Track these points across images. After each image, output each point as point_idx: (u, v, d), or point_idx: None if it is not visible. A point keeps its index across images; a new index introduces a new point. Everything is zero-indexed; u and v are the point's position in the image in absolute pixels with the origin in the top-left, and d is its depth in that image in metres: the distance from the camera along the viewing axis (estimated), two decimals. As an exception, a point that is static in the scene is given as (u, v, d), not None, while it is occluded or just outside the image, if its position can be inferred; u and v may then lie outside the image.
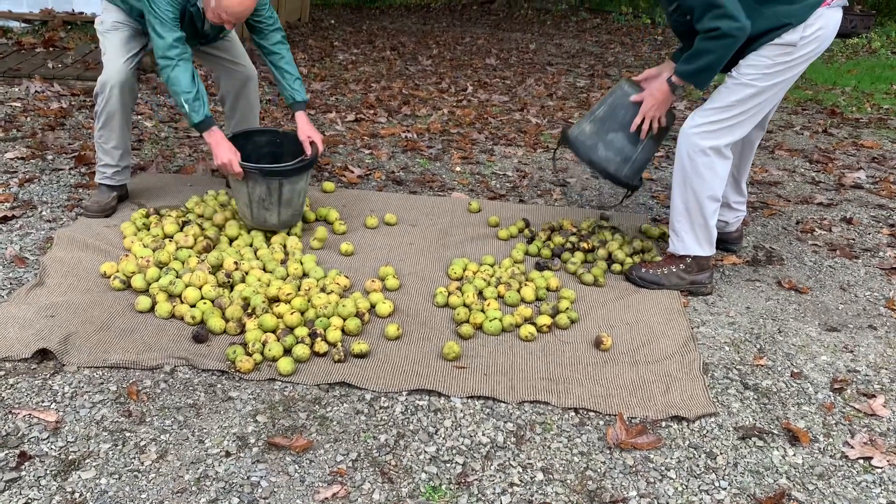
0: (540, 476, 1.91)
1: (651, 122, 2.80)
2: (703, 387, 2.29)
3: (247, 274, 2.72)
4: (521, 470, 1.93)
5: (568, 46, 9.36)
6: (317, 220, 3.36)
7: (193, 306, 2.50)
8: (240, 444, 1.95)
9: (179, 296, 2.56)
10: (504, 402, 2.18)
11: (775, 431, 2.14)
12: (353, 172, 4.02)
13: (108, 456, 1.87)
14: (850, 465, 2.02)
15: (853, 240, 3.55)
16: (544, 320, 2.56)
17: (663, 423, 2.14)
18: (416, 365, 2.32)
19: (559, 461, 1.97)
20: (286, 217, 3.04)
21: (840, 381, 2.39)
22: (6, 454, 1.85)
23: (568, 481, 1.90)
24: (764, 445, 2.08)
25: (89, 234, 2.95)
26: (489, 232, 3.35)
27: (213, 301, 2.53)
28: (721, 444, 2.07)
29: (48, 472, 1.81)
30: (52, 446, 1.89)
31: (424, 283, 2.85)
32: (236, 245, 2.97)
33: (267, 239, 3.05)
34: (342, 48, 8.13)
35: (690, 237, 2.82)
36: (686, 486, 1.91)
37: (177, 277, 2.62)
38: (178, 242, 2.90)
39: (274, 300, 2.57)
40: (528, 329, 2.50)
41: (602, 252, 3.11)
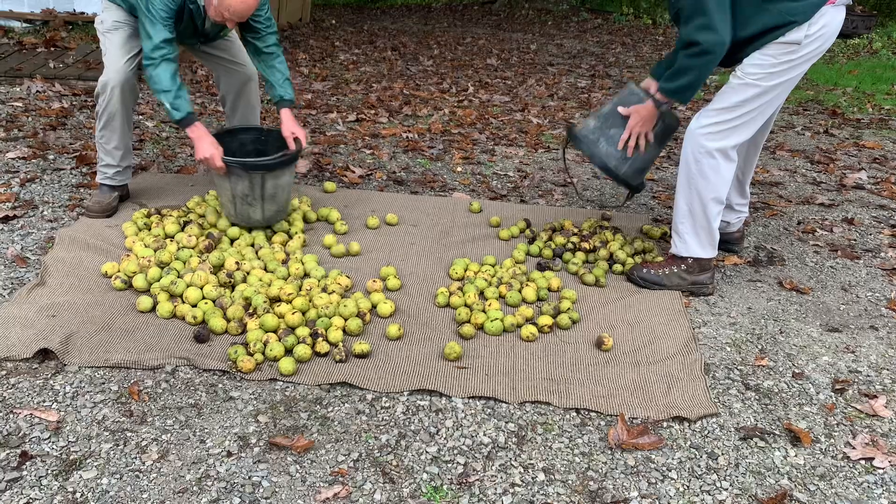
0: (541, 476, 1.91)
1: (637, 138, 2.86)
2: (705, 387, 2.29)
3: (248, 274, 2.72)
4: (522, 470, 1.93)
5: (569, 47, 9.36)
6: (318, 220, 3.36)
7: (195, 306, 2.51)
8: (241, 444, 1.95)
9: (181, 296, 2.56)
10: (505, 403, 2.18)
11: (777, 432, 2.14)
12: (354, 172, 4.02)
13: (109, 456, 1.87)
14: (851, 465, 2.02)
15: (854, 240, 3.55)
16: (545, 321, 2.56)
17: (665, 424, 2.14)
18: (417, 365, 2.32)
19: (560, 461, 1.97)
20: (270, 213, 3.01)
21: (841, 381, 2.39)
22: (8, 454, 1.85)
23: (569, 482, 1.90)
24: (765, 446, 2.08)
25: (91, 234, 2.95)
26: (490, 232, 3.35)
27: (214, 301, 2.54)
28: (722, 444, 2.07)
29: (49, 471, 1.81)
30: (54, 446, 1.89)
31: (426, 283, 2.85)
32: (238, 245, 2.97)
33: (268, 239, 3.06)
34: (343, 48, 8.13)
35: (693, 239, 2.83)
36: (687, 486, 1.91)
37: (178, 277, 2.62)
38: (179, 242, 2.90)
39: (275, 300, 2.57)
40: (529, 329, 2.50)
41: (603, 252, 3.11)
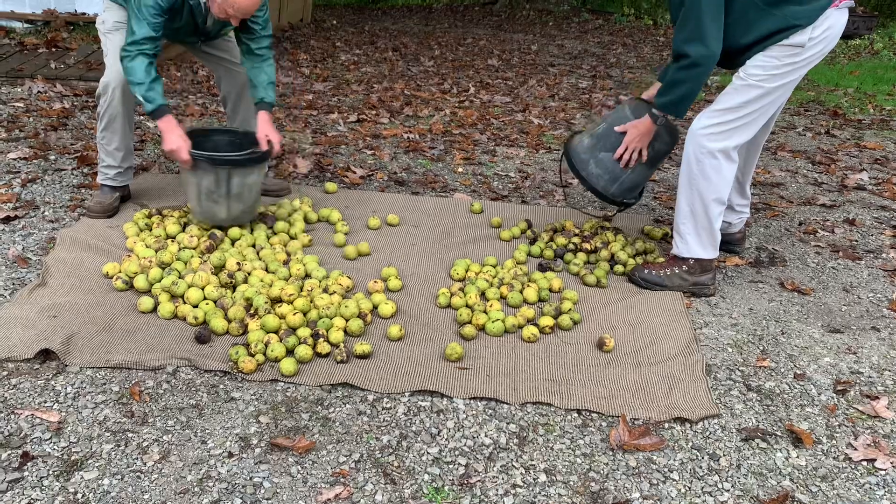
0: (543, 477, 1.91)
1: (633, 153, 2.89)
2: (706, 388, 2.29)
3: (249, 274, 2.72)
4: (523, 471, 1.92)
5: (570, 47, 9.36)
6: (319, 220, 3.36)
7: (196, 307, 2.51)
8: (242, 444, 1.94)
9: (182, 296, 2.56)
10: (507, 404, 2.18)
11: (778, 433, 2.13)
12: (355, 173, 4.02)
13: (110, 456, 1.87)
14: (853, 467, 2.02)
15: (856, 241, 3.54)
16: (547, 321, 2.56)
17: (666, 425, 2.14)
18: (418, 366, 2.31)
19: (562, 462, 1.96)
20: (236, 212, 2.98)
21: (843, 382, 2.39)
22: (9, 454, 1.85)
23: (571, 483, 1.90)
24: (767, 447, 2.07)
25: (92, 235, 2.95)
26: (491, 233, 3.35)
27: (215, 302, 2.53)
28: (724, 445, 2.07)
29: (51, 472, 1.81)
30: (55, 447, 1.89)
31: (427, 283, 2.85)
32: (239, 246, 2.97)
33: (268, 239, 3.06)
34: (344, 49, 8.13)
35: (694, 239, 2.83)
36: (689, 487, 1.91)
37: (179, 278, 2.62)
38: (180, 243, 2.90)
39: (276, 301, 2.57)
40: (530, 330, 2.50)
41: (605, 253, 3.11)
